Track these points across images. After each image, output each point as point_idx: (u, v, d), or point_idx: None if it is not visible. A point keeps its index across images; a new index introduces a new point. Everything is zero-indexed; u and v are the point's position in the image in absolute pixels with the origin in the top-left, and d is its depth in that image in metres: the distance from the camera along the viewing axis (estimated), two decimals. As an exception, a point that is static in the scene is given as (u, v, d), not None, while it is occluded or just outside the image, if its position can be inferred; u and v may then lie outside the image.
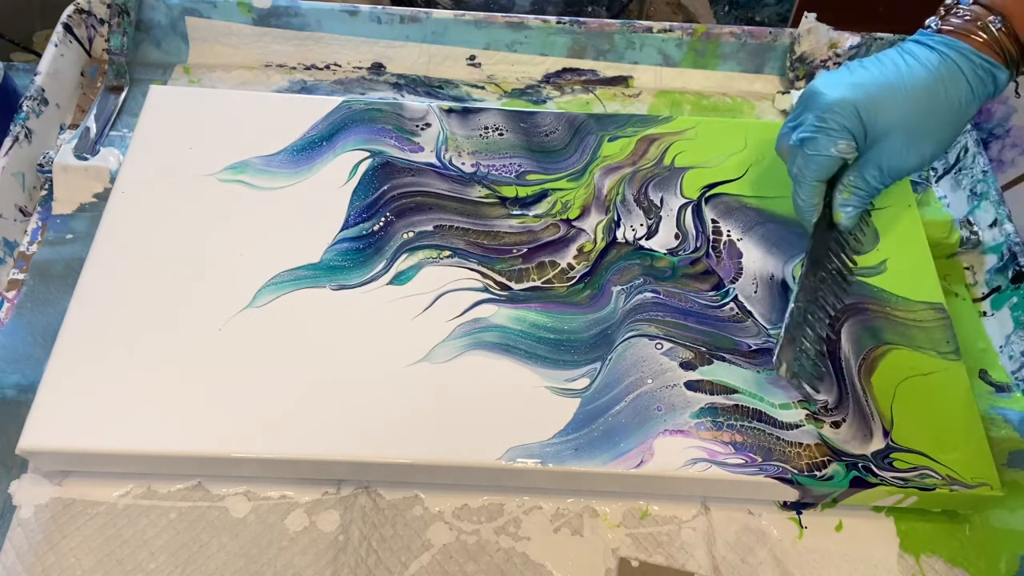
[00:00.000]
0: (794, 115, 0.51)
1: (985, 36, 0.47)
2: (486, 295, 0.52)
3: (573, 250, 0.55)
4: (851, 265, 0.54)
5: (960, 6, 0.49)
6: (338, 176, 0.57)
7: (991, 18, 0.47)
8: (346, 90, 0.67)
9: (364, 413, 0.47)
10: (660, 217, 0.57)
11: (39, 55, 0.67)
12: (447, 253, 0.54)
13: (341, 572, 0.45)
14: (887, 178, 0.50)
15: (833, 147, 0.48)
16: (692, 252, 0.55)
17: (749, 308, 0.53)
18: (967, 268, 0.61)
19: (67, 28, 0.64)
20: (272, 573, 0.45)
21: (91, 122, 0.62)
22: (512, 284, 0.53)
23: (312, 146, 0.58)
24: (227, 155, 0.57)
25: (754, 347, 0.51)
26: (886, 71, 0.48)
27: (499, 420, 0.47)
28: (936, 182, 0.65)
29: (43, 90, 0.60)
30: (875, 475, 0.46)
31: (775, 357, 0.49)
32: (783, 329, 0.50)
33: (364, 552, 0.46)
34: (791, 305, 0.50)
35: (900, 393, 0.49)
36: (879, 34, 0.67)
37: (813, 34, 0.68)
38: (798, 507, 0.49)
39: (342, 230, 0.54)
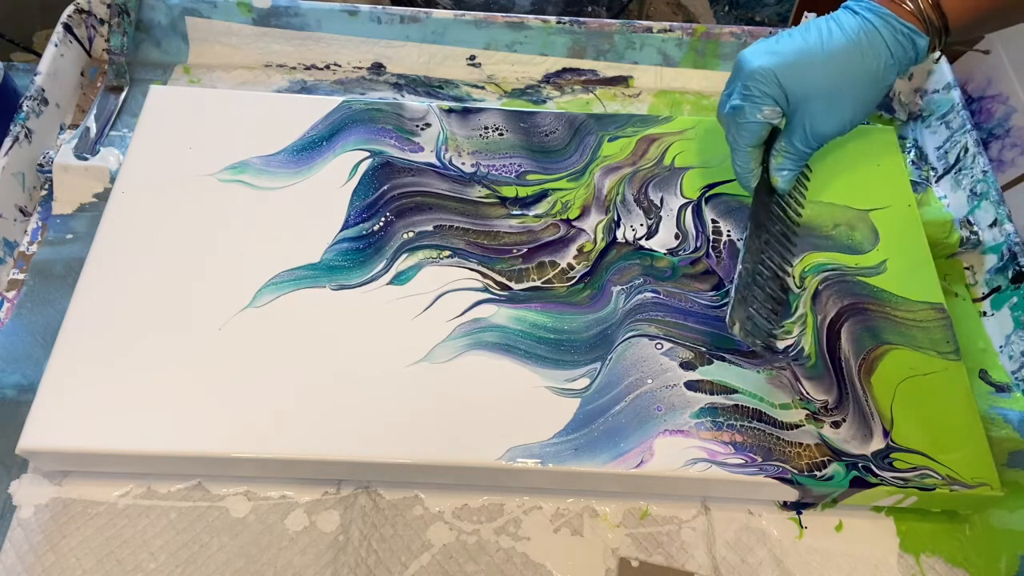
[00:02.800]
0: (727, 84, 0.53)
1: (911, 5, 0.48)
2: (486, 295, 0.52)
3: (573, 250, 0.55)
4: (795, 227, 0.56)
5: None
6: (338, 176, 0.57)
7: None
8: (346, 90, 0.67)
9: (364, 413, 0.47)
10: (660, 217, 0.57)
11: (39, 55, 0.67)
12: (447, 253, 0.54)
13: (341, 572, 0.45)
14: (812, 142, 0.52)
15: (758, 113, 0.50)
16: (692, 252, 0.55)
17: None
18: (967, 268, 0.61)
19: (67, 28, 0.64)
20: (272, 573, 0.45)
21: (91, 122, 0.62)
22: (512, 284, 0.53)
23: (312, 146, 0.58)
24: (227, 155, 0.57)
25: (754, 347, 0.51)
26: (808, 38, 0.50)
27: (499, 420, 0.47)
28: (936, 182, 0.65)
29: (43, 90, 0.60)
30: (875, 475, 0.46)
31: (727, 317, 0.49)
32: (732, 290, 0.50)
33: (364, 552, 0.46)
34: (739, 267, 0.51)
35: (900, 393, 0.49)
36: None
37: (813, 34, 0.68)
38: (798, 507, 0.49)
39: (342, 230, 0.54)
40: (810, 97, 0.50)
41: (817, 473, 0.46)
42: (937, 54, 0.50)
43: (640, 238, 0.56)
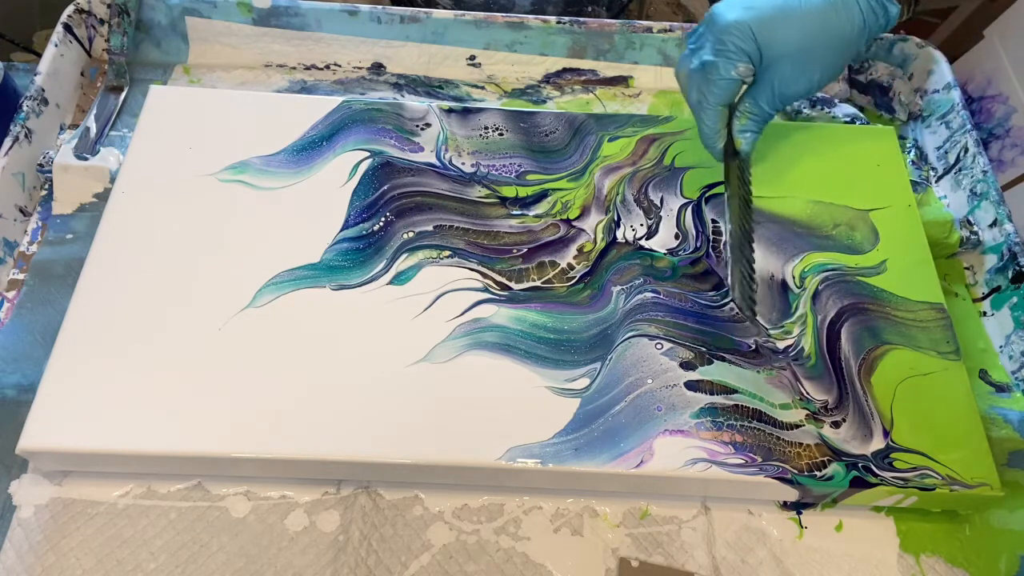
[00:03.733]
0: (693, 39, 0.52)
1: None
2: (486, 295, 0.52)
3: (573, 250, 0.55)
4: (751, 191, 0.55)
5: None
6: (338, 176, 0.57)
7: None
8: (346, 90, 0.67)
9: (364, 413, 0.47)
10: (660, 217, 0.57)
11: (39, 55, 0.67)
12: (447, 253, 0.54)
13: (341, 572, 0.45)
14: (778, 102, 0.51)
15: (733, 70, 0.49)
16: (692, 252, 0.55)
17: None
18: (967, 268, 0.61)
19: (67, 28, 0.64)
20: (272, 573, 0.45)
21: (91, 122, 0.62)
22: (512, 284, 0.53)
23: (312, 146, 0.58)
24: (227, 155, 0.57)
25: (754, 347, 0.51)
26: None
27: (499, 420, 0.47)
28: (936, 182, 0.65)
29: (43, 90, 0.60)
30: (875, 475, 0.46)
31: (735, 293, 0.49)
32: (729, 263, 0.51)
33: (364, 552, 0.46)
34: (728, 239, 0.51)
35: (900, 393, 0.49)
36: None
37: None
38: (798, 507, 0.49)
39: (342, 230, 0.54)
40: (783, 56, 0.49)
41: (817, 473, 0.46)
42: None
43: (640, 238, 0.56)
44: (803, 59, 0.49)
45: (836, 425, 0.48)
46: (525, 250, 0.54)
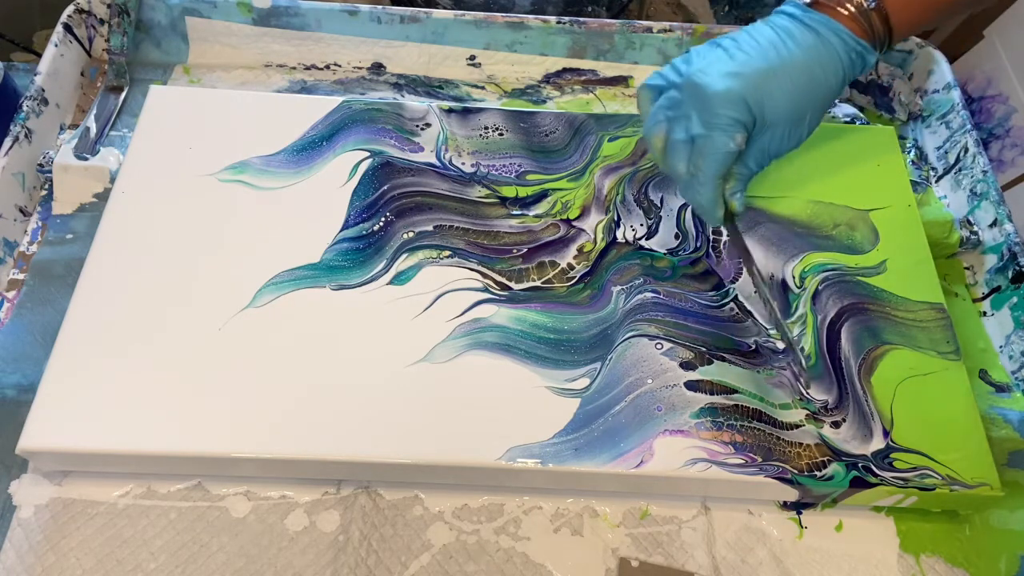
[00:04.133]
0: (670, 104, 0.48)
1: (853, 10, 0.47)
2: (486, 295, 0.52)
3: (573, 250, 0.55)
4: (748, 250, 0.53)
5: None
6: (338, 176, 0.57)
7: None
8: (346, 90, 0.67)
9: (364, 413, 0.47)
10: (660, 217, 0.57)
11: (39, 55, 0.67)
12: (447, 253, 0.54)
13: (341, 572, 0.45)
14: (767, 161, 0.50)
15: (732, 142, 0.46)
16: (692, 252, 0.55)
17: (749, 308, 0.53)
18: (967, 268, 0.61)
19: (67, 28, 0.64)
20: (272, 573, 0.45)
21: (91, 122, 0.62)
22: (512, 284, 0.53)
23: (312, 146, 0.58)
24: (227, 155, 0.57)
25: (754, 347, 0.51)
26: (767, 56, 0.46)
27: (499, 420, 0.47)
28: (936, 182, 0.65)
29: (43, 90, 0.60)
30: (875, 475, 0.46)
31: (805, 373, 0.50)
32: (788, 338, 0.50)
33: (364, 552, 0.46)
34: (778, 316, 0.50)
35: (900, 393, 0.49)
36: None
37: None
38: (798, 507, 0.49)
39: (342, 230, 0.54)
40: (776, 121, 0.47)
41: (817, 473, 0.46)
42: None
43: (640, 238, 0.56)
44: (794, 118, 0.47)
45: (836, 425, 0.48)
46: (525, 250, 0.54)
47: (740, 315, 0.52)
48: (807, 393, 0.49)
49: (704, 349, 0.50)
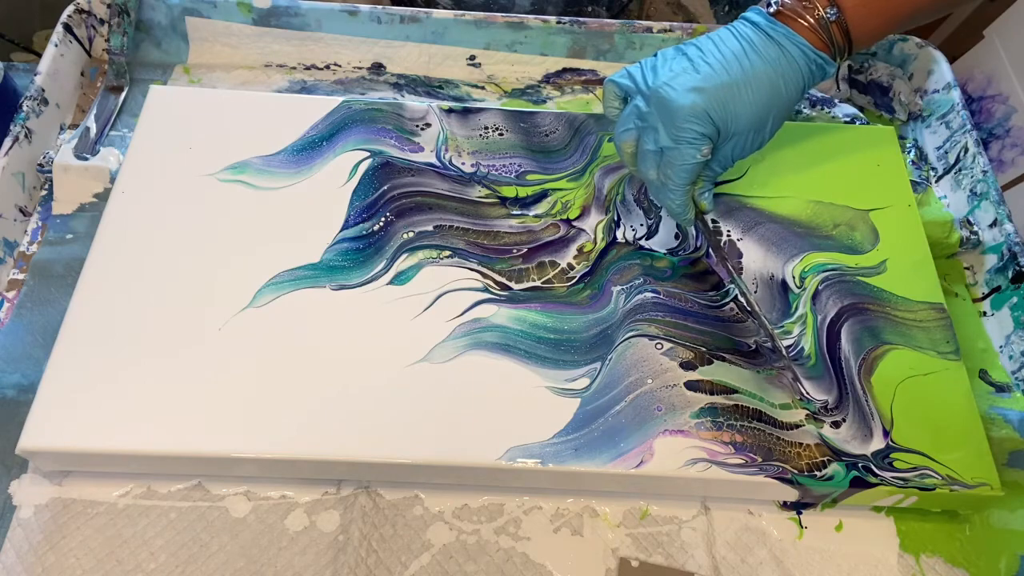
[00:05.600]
0: (637, 113, 0.50)
1: (814, 22, 0.48)
2: (486, 295, 0.52)
3: (573, 250, 0.55)
4: (720, 237, 0.56)
5: None
6: (338, 176, 0.57)
7: (829, 9, 0.48)
8: (346, 90, 0.67)
9: (364, 413, 0.47)
10: (660, 217, 0.57)
11: (39, 55, 0.67)
12: (447, 253, 0.54)
13: (341, 572, 0.45)
14: (730, 163, 0.52)
15: (698, 154, 0.49)
16: (692, 252, 0.55)
17: (749, 308, 0.53)
18: (967, 268, 0.61)
19: (67, 28, 0.64)
20: (272, 573, 0.45)
21: (91, 122, 0.62)
22: (512, 284, 0.53)
23: (312, 146, 0.58)
24: (227, 155, 0.57)
25: (754, 347, 0.51)
26: (731, 69, 0.48)
27: (499, 420, 0.47)
28: (936, 182, 0.65)
29: (43, 90, 0.60)
30: (875, 475, 0.46)
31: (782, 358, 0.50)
32: (762, 320, 0.51)
33: (364, 552, 0.46)
34: (748, 299, 0.52)
35: (900, 393, 0.49)
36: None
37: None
38: (798, 507, 0.49)
39: (342, 230, 0.54)
40: (739, 131, 0.49)
41: (817, 473, 0.46)
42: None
43: (640, 238, 0.56)
44: (756, 127, 0.50)
45: (836, 425, 0.48)
46: (525, 250, 0.54)
47: (740, 315, 0.52)
48: (804, 389, 0.49)
49: (704, 349, 0.50)
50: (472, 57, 0.68)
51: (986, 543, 0.49)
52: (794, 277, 0.54)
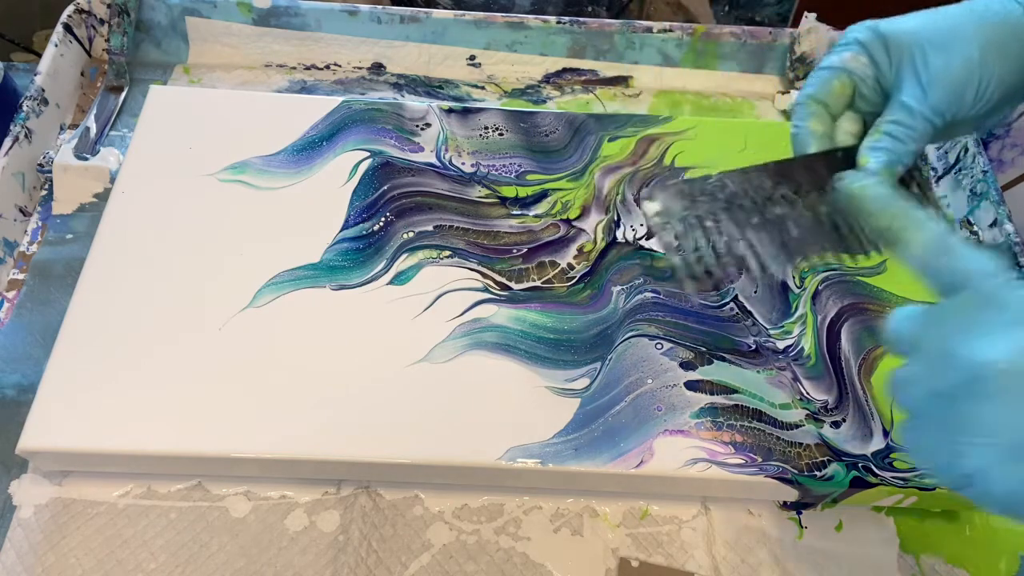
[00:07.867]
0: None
1: None
2: (486, 295, 0.52)
3: (573, 250, 0.55)
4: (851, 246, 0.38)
5: None
6: (338, 176, 0.57)
7: None
8: (346, 90, 0.67)
9: (364, 413, 0.47)
10: (660, 217, 0.57)
11: (39, 55, 0.67)
12: (447, 253, 0.54)
13: (341, 572, 0.45)
14: (929, 101, 0.35)
15: (836, 58, 0.38)
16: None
17: (749, 308, 0.53)
18: (967, 268, 0.61)
19: (67, 28, 0.64)
20: (272, 573, 0.45)
21: (91, 122, 0.62)
22: (512, 284, 0.53)
23: (312, 146, 0.58)
24: (227, 155, 0.57)
25: (754, 347, 0.51)
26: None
27: (499, 420, 0.47)
28: (936, 182, 0.65)
29: (43, 90, 0.60)
30: (875, 475, 0.46)
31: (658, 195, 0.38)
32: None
33: (364, 552, 0.46)
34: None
35: (900, 393, 0.49)
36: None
37: (813, 34, 0.68)
38: (798, 507, 0.49)
39: (342, 230, 0.54)
40: (918, 43, 0.36)
41: (817, 473, 0.46)
42: None
43: (640, 238, 0.56)
44: (944, 40, 0.35)
45: (836, 425, 0.48)
46: (525, 250, 0.54)
47: (740, 315, 0.52)
48: (804, 388, 0.49)
49: (704, 349, 0.50)
50: (472, 57, 0.68)
51: (986, 543, 0.49)
52: (794, 277, 0.54)
